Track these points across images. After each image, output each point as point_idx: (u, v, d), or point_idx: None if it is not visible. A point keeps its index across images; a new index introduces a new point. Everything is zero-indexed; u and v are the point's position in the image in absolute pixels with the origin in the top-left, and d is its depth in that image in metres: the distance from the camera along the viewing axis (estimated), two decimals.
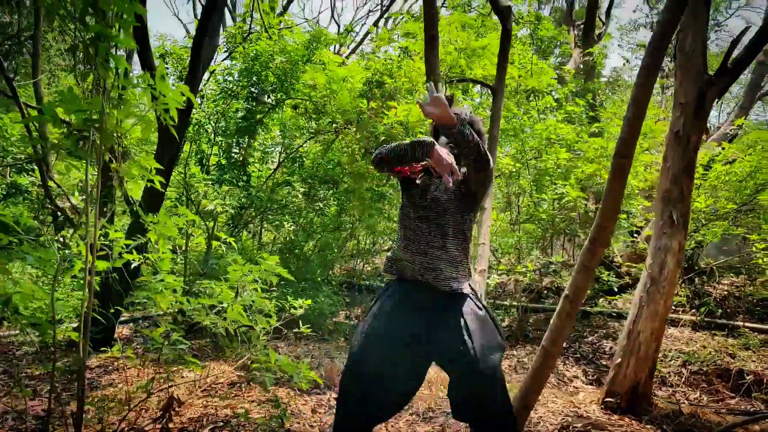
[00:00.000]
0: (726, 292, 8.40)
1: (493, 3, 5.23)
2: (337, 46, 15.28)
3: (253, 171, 8.23)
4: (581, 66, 12.13)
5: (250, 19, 8.26)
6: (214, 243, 7.04)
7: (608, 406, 4.47)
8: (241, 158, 7.66)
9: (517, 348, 7.30)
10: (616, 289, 8.25)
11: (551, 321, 3.38)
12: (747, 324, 7.16)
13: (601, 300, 8.62)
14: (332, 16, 58.94)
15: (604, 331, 7.63)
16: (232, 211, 6.57)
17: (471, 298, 2.62)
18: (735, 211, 8.29)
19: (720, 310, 7.82)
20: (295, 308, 3.89)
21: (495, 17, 7.72)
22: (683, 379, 5.87)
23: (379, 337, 2.50)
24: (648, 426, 4.10)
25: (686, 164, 4.60)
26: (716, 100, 4.82)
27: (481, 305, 2.64)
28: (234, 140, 7.58)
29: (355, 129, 7.28)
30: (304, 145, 8.45)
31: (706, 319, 7.44)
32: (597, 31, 13.09)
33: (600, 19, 13.91)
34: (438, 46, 4.20)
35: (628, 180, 7.24)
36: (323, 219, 8.16)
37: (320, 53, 8.04)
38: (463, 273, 2.61)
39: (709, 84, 4.59)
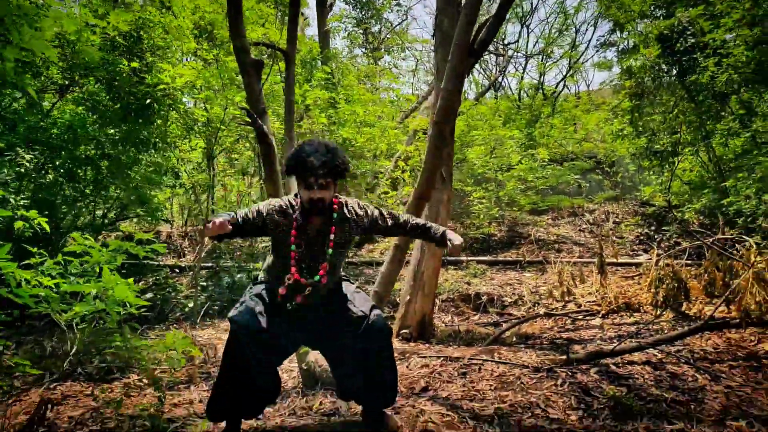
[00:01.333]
0: None
1: None
2: None
3: None
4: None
5: None
6: None
7: (403, 337, 5.17)
8: None
9: None
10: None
11: (383, 268, 3.79)
12: (470, 258, 8.81)
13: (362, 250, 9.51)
14: None
15: (363, 278, 8.50)
16: None
17: (343, 278, 2.83)
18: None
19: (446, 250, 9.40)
20: None
21: None
22: (437, 307, 7.01)
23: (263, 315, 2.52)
24: (438, 345, 4.91)
25: (450, 129, 5.45)
26: (467, 74, 5.74)
27: (350, 281, 2.86)
28: None
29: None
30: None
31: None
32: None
33: None
34: (242, 11, 4.11)
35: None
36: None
37: None
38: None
39: (465, 60, 5.48)
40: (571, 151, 14.17)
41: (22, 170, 5.44)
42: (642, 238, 10.14)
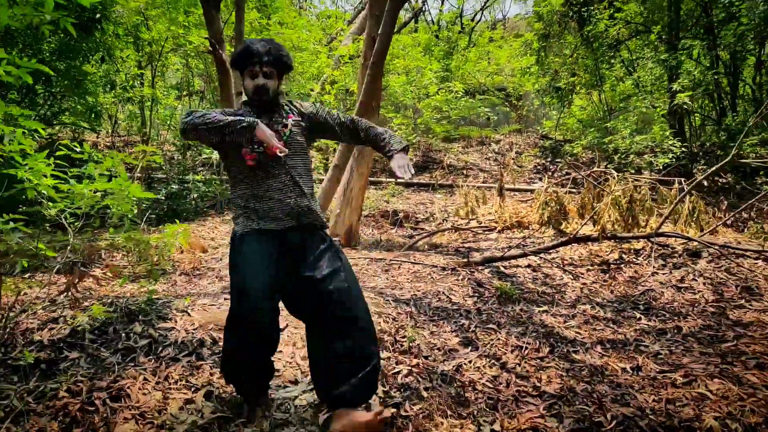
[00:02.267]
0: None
1: None
2: None
3: None
4: None
5: None
6: None
7: None
8: None
9: None
10: None
11: (323, 184, 4.43)
12: (389, 180, 9.59)
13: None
14: None
15: None
16: None
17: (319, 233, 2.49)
18: None
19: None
20: None
21: None
22: (360, 221, 7.78)
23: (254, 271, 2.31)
24: (363, 251, 5.70)
25: (377, 60, 5.99)
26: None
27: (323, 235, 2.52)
28: None
29: None
30: None
31: None
32: None
33: None
34: None
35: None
36: None
37: None
38: (314, 205, 2.49)
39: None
40: (483, 83, 15.06)
41: None
42: (539, 167, 11.35)
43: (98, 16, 5.70)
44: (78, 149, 3.31)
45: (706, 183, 7.57)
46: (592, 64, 10.20)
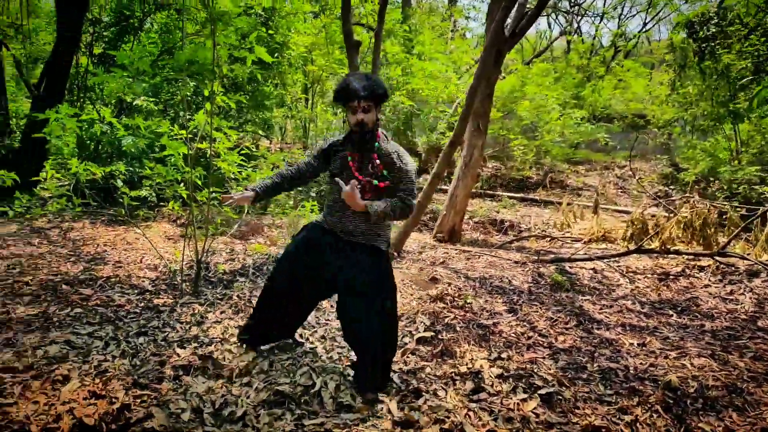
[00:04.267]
0: (491, 173, 11.71)
1: None
2: None
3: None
4: None
5: None
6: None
7: (438, 239, 7.01)
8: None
9: None
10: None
11: (425, 187, 5.57)
12: (504, 193, 10.44)
13: None
14: None
15: None
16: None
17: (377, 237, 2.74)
18: (501, 118, 11.38)
19: (487, 185, 11.05)
20: None
21: None
22: (470, 227, 8.78)
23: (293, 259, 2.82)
24: (460, 246, 6.72)
25: (489, 93, 6.99)
26: (508, 52, 7.16)
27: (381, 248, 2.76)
28: None
29: None
30: None
31: (480, 190, 10.56)
32: None
33: None
34: (350, 5, 5.74)
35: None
36: None
37: None
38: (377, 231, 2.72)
39: (504, 43, 6.91)
40: (617, 111, 15.09)
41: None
42: (660, 193, 11.38)
43: (276, 55, 7.48)
44: (254, 150, 4.86)
45: None
46: (724, 97, 10.05)
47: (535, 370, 3.10)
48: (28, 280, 3.87)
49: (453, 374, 2.98)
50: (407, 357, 3.18)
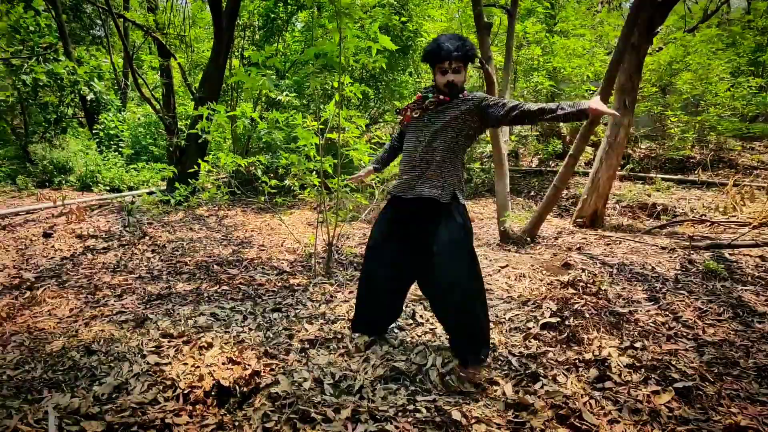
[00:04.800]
0: (644, 154, 10.70)
1: None
2: None
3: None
4: None
5: None
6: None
7: (578, 224, 6.64)
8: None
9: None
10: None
11: (561, 169, 5.31)
12: (658, 175, 9.50)
13: (551, 163, 10.78)
14: None
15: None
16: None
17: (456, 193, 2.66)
18: (656, 94, 10.33)
19: (639, 167, 10.14)
20: None
21: None
22: (617, 211, 8.16)
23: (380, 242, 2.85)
24: (601, 231, 6.29)
25: (636, 65, 6.40)
26: (663, 20, 6.47)
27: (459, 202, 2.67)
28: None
29: None
30: None
31: (630, 173, 9.74)
32: None
33: None
34: None
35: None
36: None
37: None
38: (450, 184, 2.65)
39: (656, 8, 6.26)
40: None
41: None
42: None
43: (409, 43, 7.61)
44: (383, 140, 5.03)
45: None
46: None
47: (674, 363, 2.84)
48: (187, 260, 4.49)
49: (577, 361, 2.85)
50: (529, 342, 3.11)
